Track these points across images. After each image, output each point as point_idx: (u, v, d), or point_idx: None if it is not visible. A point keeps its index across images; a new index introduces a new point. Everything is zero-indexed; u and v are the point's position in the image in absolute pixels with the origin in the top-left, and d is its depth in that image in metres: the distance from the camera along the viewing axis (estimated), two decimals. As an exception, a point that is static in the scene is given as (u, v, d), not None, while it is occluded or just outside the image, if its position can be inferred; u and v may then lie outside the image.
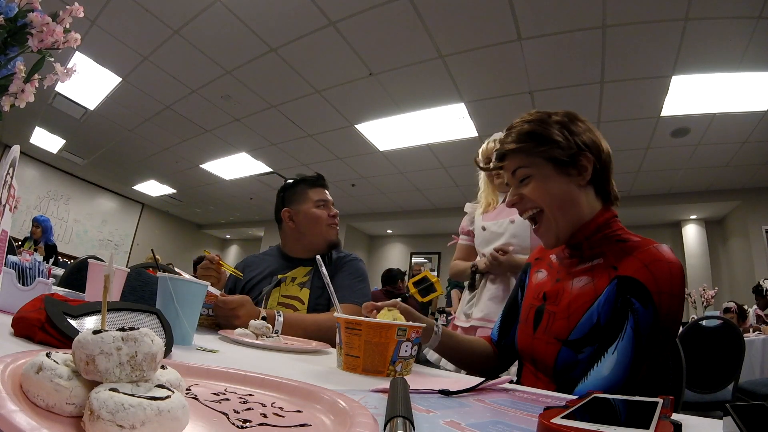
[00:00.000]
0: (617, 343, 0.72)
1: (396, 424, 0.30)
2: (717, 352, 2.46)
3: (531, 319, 0.89)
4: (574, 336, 0.78)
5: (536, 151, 0.87)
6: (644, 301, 0.72)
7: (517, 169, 0.89)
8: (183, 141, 5.75)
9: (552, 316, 0.83)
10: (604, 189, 0.89)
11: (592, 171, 0.86)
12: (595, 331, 0.76)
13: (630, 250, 0.79)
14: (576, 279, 0.84)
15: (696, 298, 5.28)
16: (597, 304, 0.77)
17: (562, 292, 0.84)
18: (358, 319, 0.69)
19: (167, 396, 0.25)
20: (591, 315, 0.77)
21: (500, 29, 3.11)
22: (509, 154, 0.90)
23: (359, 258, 1.51)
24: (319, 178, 1.55)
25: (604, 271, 0.80)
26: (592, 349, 0.76)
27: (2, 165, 0.58)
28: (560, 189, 0.86)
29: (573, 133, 0.86)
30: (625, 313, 0.73)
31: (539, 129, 0.87)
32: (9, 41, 0.66)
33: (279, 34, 3.44)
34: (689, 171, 5.13)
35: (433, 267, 8.40)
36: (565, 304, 0.82)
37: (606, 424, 0.31)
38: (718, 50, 3.08)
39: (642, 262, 0.75)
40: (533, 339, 0.86)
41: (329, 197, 1.53)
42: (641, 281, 0.73)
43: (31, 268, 0.81)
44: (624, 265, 0.77)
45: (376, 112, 4.45)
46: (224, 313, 1.08)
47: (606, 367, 0.71)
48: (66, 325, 0.49)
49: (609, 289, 0.76)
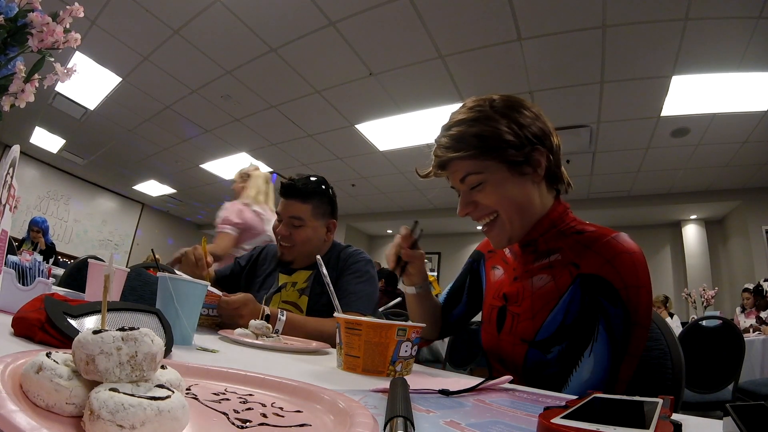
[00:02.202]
0: (592, 345, 0.71)
1: (396, 424, 0.30)
2: (717, 352, 2.46)
3: (494, 320, 0.87)
4: (541, 336, 0.76)
5: (487, 155, 0.80)
6: (612, 299, 0.70)
7: (468, 175, 0.82)
8: (183, 141, 5.75)
9: (516, 318, 0.81)
10: (555, 178, 0.85)
11: (546, 164, 0.81)
12: (561, 330, 0.75)
13: (588, 242, 0.76)
14: (536, 277, 0.81)
15: (696, 298, 5.28)
16: (561, 303, 0.75)
17: (522, 292, 0.82)
18: (358, 319, 0.69)
19: (167, 396, 0.25)
20: (556, 315, 0.75)
21: (500, 29, 3.11)
22: (455, 161, 0.82)
23: (367, 258, 1.42)
24: (282, 187, 1.40)
25: (564, 268, 0.77)
26: (560, 348, 0.75)
27: (2, 165, 0.58)
28: (517, 191, 0.81)
29: (522, 126, 0.80)
30: (595, 314, 0.71)
31: (487, 130, 0.79)
32: (9, 41, 0.66)
33: (279, 34, 3.44)
34: (689, 171, 5.13)
35: (433, 267, 8.40)
36: (528, 304, 0.80)
37: (606, 424, 0.31)
38: (718, 50, 3.08)
39: (603, 257, 0.73)
40: (499, 340, 0.84)
41: (284, 210, 1.38)
42: (606, 279, 0.71)
43: (31, 268, 0.81)
44: (585, 261, 0.75)
45: (376, 112, 4.45)
46: (228, 312, 1.08)
47: (585, 371, 0.71)
48: (66, 325, 0.49)
49: (573, 288, 0.75)
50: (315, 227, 1.38)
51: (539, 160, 0.81)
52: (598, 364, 0.70)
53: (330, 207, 1.43)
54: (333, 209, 1.44)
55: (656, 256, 6.76)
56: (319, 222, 1.39)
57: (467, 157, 0.80)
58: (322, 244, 1.43)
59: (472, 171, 0.81)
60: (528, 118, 0.81)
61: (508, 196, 0.81)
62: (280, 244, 1.40)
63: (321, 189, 1.40)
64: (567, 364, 0.73)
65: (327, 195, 1.42)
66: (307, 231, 1.37)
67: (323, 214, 1.40)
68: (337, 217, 1.47)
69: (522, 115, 0.81)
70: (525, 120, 0.81)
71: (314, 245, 1.39)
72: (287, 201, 1.38)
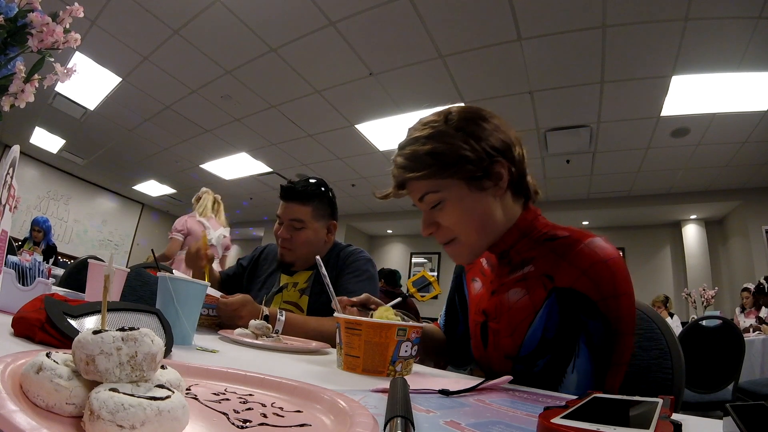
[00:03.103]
0: (574, 361, 0.69)
1: (396, 424, 0.30)
2: (717, 352, 2.46)
3: (479, 336, 0.85)
4: (524, 352, 0.75)
5: (443, 173, 0.76)
6: (591, 313, 0.68)
7: (426, 194, 0.79)
8: (183, 141, 5.75)
9: (497, 334, 0.80)
10: (521, 186, 0.82)
11: (508, 176, 0.78)
12: (543, 344, 0.73)
13: (561, 252, 0.73)
14: (511, 291, 0.78)
15: (696, 298, 5.28)
16: (539, 319, 0.73)
17: (500, 307, 0.80)
18: (358, 319, 0.69)
19: (167, 396, 0.25)
20: (535, 330, 0.73)
21: (500, 29, 3.11)
22: (412, 181, 0.80)
23: (367, 256, 1.42)
24: (281, 189, 1.40)
25: (538, 281, 0.74)
26: (545, 360, 0.73)
27: (2, 165, 0.58)
28: (478, 207, 0.78)
29: (480, 139, 0.76)
30: (575, 330, 0.69)
31: (441, 147, 0.76)
32: (9, 41, 0.66)
33: (279, 34, 3.44)
34: (689, 171, 5.13)
35: (433, 267, 8.41)
36: (506, 320, 0.78)
37: (606, 424, 0.31)
38: (718, 50, 3.08)
39: (579, 268, 0.69)
40: (486, 354, 0.83)
41: (284, 212, 1.38)
42: (583, 292, 0.68)
43: (31, 268, 0.81)
44: (559, 274, 0.71)
45: (376, 112, 4.45)
46: (227, 313, 1.08)
47: (571, 386, 0.69)
48: (66, 325, 0.49)
49: (549, 303, 0.72)
50: (315, 229, 1.38)
51: (500, 173, 0.77)
52: (582, 379, 0.69)
53: (330, 208, 1.43)
54: (333, 211, 1.44)
55: (656, 256, 6.77)
56: (320, 224, 1.39)
57: (423, 176, 0.77)
58: (323, 246, 1.42)
59: (429, 190, 0.79)
60: (486, 131, 0.78)
61: (469, 212, 0.78)
62: (281, 246, 1.39)
63: (321, 191, 1.40)
64: (552, 377, 0.72)
65: (327, 197, 1.42)
66: (307, 233, 1.36)
67: (323, 216, 1.40)
68: (337, 218, 1.46)
69: (479, 128, 0.78)
70: (483, 133, 0.77)
71: (315, 247, 1.38)
72: (287, 204, 1.37)
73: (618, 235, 6.99)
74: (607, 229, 7.11)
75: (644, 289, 6.42)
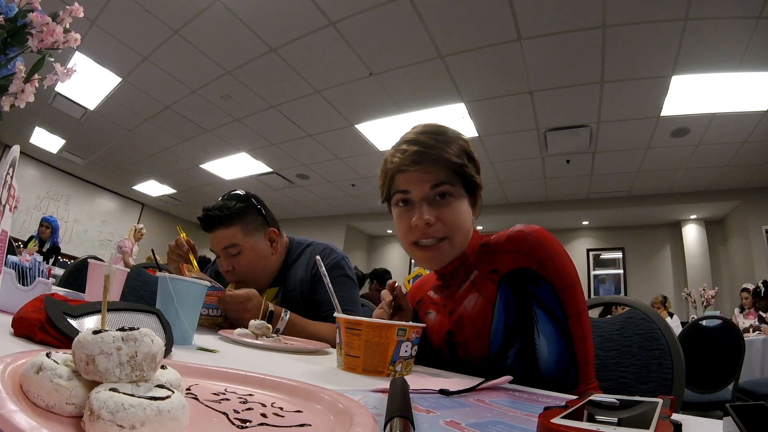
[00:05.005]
0: (536, 328, 0.74)
1: (396, 424, 0.30)
2: (717, 352, 2.45)
3: (446, 354, 0.86)
4: (494, 350, 0.78)
5: (462, 169, 0.80)
6: (535, 281, 0.74)
7: (441, 183, 0.79)
8: (183, 141, 5.76)
9: (464, 346, 0.82)
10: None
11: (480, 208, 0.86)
12: (508, 334, 0.76)
13: (494, 248, 0.80)
14: (466, 301, 0.82)
15: (696, 298, 5.28)
16: (497, 312, 0.77)
17: (461, 320, 0.82)
18: (358, 319, 0.69)
19: (167, 396, 0.25)
20: (497, 324, 0.77)
21: (500, 29, 3.11)
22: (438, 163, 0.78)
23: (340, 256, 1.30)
24: (201, 222, 1.25)
25: (485, 279, 0.80)
26: (515, 349, 0.76)
27: (2, 165, 0.58)
28: (468, 216, 0.83)
29: (476, 166, 0.85)
30: (527, 301, 0.75)
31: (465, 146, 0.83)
32: (9, 41, 0.66)
33: (279, 34, 3.44)
34: (689, 171, 5.13)
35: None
36: (470, 328, 0.80)
37: (606, 424, 0.31)
38: (718, 50, 3.08)
39: (512, 251, 0.77)
40: (461, 365, 0.84)
41: (215, 244, 1.25)
42: (523, 267, 0.75)
43: (31, 268, 0.81)
44: (500, 263, 0.78)
45: (376, 112, 4.45)
46: (233, 307, 1.07)
47: (543, 352, 0.74)
48: (66, 325, 0.49)
49: (501, 293, 0.77)
50: (253, 246, 1.24)
51: (478, 201, 0.86)
52: (550, 340, 0.73)
53: (261, 216, 1.29)
54: (266, 218, 1.31)
55: (656, 256, 6.77)
56: (255, 238, 1.25)
57: (449, 164, 0.78)
58: (272, 258, 1.30)
59: (446, 181, 0.79)
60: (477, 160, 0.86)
61: (463, 217, 0.82)
62: (229, 281, 1.27)
63: (241, 205, 1.25)
64: (527, 358, 0.75)
65: (251, 207, 1.28)
66: (247, 255, 1.23)
67: (256, 229, 1.26)
68: (275, 224, 1.33)
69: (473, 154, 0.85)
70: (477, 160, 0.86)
71: (262, 263, 1.27)
72: (212, 234, 1.24)
73: (618, 235, 6.99)
74: (607, 229, 7.11)
75: (644, 289, 6.43)
